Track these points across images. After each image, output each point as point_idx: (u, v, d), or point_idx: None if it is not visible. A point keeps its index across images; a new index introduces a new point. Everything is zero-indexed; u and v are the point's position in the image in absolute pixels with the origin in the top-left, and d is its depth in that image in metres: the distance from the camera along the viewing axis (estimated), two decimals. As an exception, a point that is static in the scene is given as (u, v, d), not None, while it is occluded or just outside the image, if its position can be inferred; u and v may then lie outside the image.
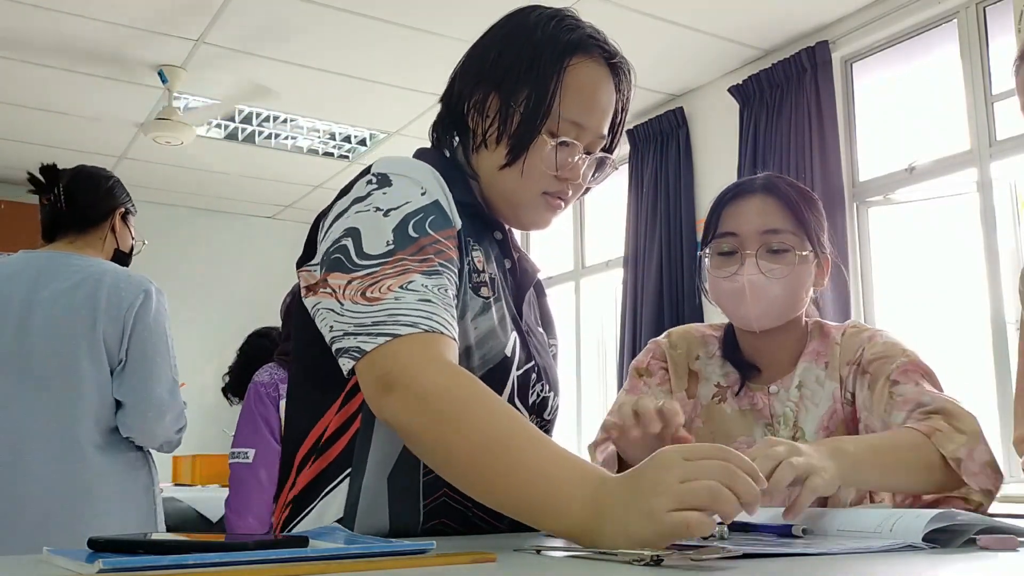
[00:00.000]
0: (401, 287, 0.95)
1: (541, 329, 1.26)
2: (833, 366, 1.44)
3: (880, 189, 3.79)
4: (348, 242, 0.99)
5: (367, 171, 1.07)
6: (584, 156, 1.13)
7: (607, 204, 5.13)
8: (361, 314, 0.94)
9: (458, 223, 1.06)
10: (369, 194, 1.03)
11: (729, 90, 4.18)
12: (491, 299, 1.08)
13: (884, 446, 1.17)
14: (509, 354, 1.07)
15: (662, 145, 4.58)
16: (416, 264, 0.97)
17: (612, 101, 1.15)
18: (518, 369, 1.09)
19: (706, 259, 1.47)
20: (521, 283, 1.18)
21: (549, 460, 0.85)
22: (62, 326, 2.04)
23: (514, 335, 1.10)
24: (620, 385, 2.94)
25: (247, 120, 4.91)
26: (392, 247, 0.98)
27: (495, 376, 1.05)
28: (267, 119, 4.90)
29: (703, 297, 1.52)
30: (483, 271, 1.08)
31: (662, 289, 4.40)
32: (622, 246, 4.75)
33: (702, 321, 4.56)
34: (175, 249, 5.83)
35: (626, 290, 4.66)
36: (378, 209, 1.01)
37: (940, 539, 0.86)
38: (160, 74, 4.23)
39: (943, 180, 3.56)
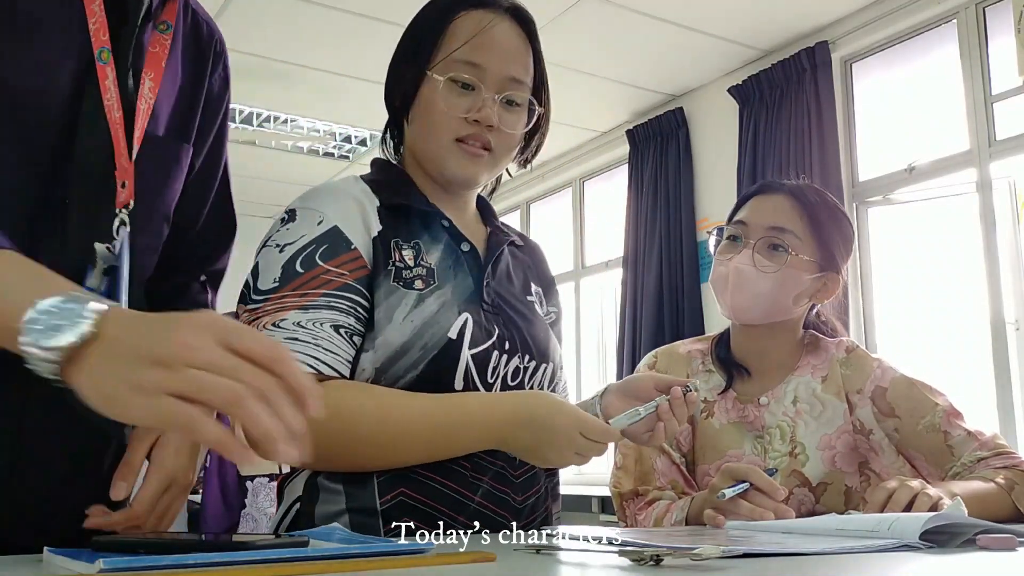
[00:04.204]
0: (274, 324, 1.04)
1: (532, 296, 1.26)
2: (836, 383, 1.43)
3: (880, 189, 3.79)
4: (250, 278, 1.11)
5: (286, 208, 1.15)
6: (495, 97, 1.14)
7: (607, 204, 5.14)
8: None
9: (372, 231, 1.11)
10: (276, 231, 1.12)
11: (729, 90, 4.18)
12: (427, 289, 1.11)
13: (977, 494, 1.25)
14: (454, 336, 1.09)
15: (662, 145, 4.57)
16: (295, 300, 1.05)
17: (521, 46, 1.18)
18: (473, 347, 1.10)
19: (713, 241, 1.51)
20: (486, 259, 1.20)
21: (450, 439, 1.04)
22: None
23: (464, 316, 1.11)
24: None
25: (247, 120, 4.91)
26: (277, 284, 1.07)
27: (442, 360, 1.08)
28: (267, 119, 4.90)
29: (703, 297, 1.54)
30: (416, 265, 1.12)
31: (662, 289, 4.39)
32: (622, 246, 4.76)
33: (702, 321, 4.53)
34: (175, 249, 5.82)
35: (626, 290, 4.66)
36: (277, 246, 1.10)
37: (939, 539, 0.86)
38: (160, 74, 4.22)
39: (943, 180, 3.56)
